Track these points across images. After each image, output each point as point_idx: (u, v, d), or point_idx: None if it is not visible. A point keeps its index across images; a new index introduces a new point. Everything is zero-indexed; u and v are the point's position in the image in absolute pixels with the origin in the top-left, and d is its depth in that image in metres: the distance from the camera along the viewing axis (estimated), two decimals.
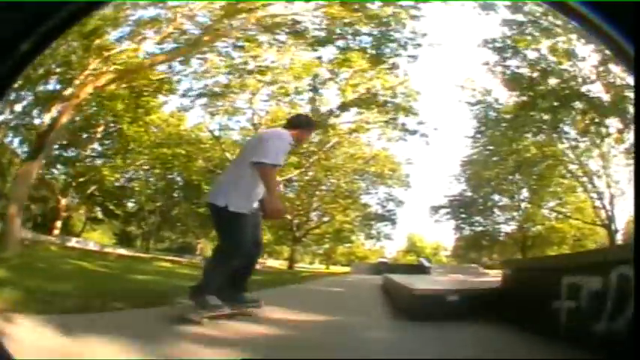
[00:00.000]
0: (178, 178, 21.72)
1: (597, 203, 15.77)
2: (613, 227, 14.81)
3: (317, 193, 19.39)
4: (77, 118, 16.86)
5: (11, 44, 0.90)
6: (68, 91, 11.33)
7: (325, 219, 21.05)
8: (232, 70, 14.36)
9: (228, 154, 15.89)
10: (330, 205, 19.57)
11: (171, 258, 17.69)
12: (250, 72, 14.38)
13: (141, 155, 19.00)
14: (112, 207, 23.49)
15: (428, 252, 29.29)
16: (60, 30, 1.02)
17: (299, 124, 3.52)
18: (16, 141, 15.59)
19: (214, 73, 14.51)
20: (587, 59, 12.51)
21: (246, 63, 14.07)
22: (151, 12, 11.61)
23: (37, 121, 13.06)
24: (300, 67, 14.29)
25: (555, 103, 12.61)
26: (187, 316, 2.78)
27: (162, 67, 14.29)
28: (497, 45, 13.28)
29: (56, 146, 17.60)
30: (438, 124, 30.87)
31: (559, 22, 11.53)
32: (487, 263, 22.82)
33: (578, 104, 12.81)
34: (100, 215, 24.72)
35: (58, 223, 18.63)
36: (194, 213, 21.18)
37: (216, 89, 15.10)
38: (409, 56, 13.41)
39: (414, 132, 15.36)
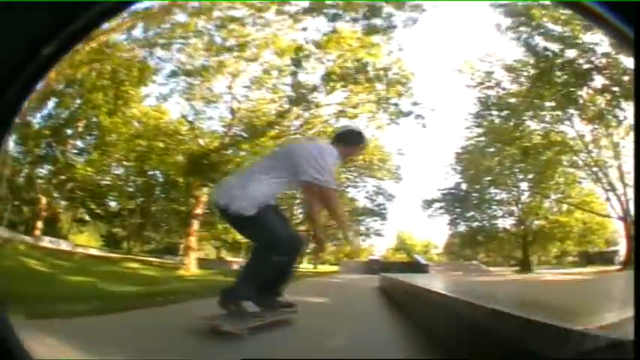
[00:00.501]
0: (159, 174, 20.17)
1: (610, 195, 14.07)
2: (629, 220, 13.14)
3: None
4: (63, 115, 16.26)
5: (36, 47, 0.82)
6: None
7: None
8: (210, 47, 12.92)
9: (201, 141, 14.40)
10: None
11: (143, 258, 16.65)
12: (230, 49, 12.88)
13: (116, 148, 17.35)
14: (92, 206, 21.69)
15: (418, 250, 27.84)
16: (88, 31, 0.91)
17: (349, 139, 3.09)
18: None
19: (191, 52, 13.20)
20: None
21: (225, 39, 12.75)
22: (146, 3, 11.17)
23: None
24: (283, 42, 12.68)
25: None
26: (224, 328, 2.29)
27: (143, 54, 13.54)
28: (510, 9, 11.62)
29: (43, 145, 16.82)
30: (434, 105, 28.33)
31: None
32: (483, 260, 21.31)
33: (595, 83, 11.20)
34: (85, 216, 23.26)
35: (39, 223, 17.07)
36: (174, 211, 20.01)
37: (193, 68, 13.64)
38: (407, 19, 11.66)
39: (408, 113, 13.44)
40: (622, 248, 16.33)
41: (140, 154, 17.14)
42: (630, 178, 13.03)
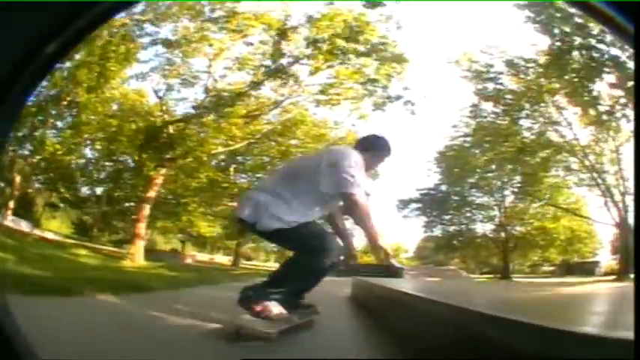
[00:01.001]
0: (129, 160, 18.16)
1: (607, 200, 12.62)
2: (627, 226, 11.75)
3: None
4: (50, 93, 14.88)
5: (38, 46, 0.80)
6: None
7: None
8: (196, 16, 11.46)
9: (167, 116, 12.76)
10: None
11: (93, 246, 15.13)
12: (215, 20, 11.38)
13: (88, 127, 15.76)
14: (62, 190, 20.14)
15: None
16: (90, 29, 0.87)
17: (373, 146, 2.55)
18: None
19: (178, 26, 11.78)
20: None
21: (213, 11, 11.30)
22: None
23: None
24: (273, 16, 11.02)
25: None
26: (250, 331, 1.96)
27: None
28: None
29: (28, 123, 15.38)
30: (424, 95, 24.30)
31: None
32: (457, 266, 19.78)
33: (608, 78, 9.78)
34: (57, 201, 21.54)
35: (11, 203, 16.03)
36: (139, 199, 18.04)
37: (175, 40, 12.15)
38: None
39: (397, 98, 11.67)
40: (603, 259, 15.19)
41: (109, 134, 15.53)
42: (628, 185, 11.73)
